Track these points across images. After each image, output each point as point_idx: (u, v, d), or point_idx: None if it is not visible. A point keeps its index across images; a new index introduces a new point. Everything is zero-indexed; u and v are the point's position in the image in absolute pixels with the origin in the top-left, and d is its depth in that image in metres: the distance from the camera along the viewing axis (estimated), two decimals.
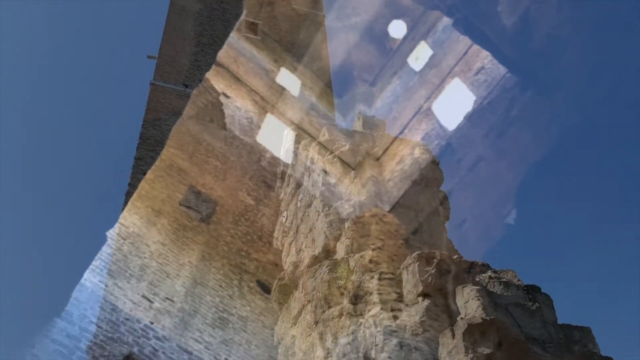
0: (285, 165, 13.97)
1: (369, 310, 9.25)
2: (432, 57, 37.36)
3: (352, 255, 9.33)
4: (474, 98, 32.52)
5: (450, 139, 32.20)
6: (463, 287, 7.59)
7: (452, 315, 8.30)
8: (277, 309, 11.81)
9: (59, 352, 13.96)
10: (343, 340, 9.12)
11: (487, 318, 7.54)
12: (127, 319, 16.18)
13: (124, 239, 18.82)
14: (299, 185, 12.82)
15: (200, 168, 25.06)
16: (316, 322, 10.00)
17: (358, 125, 13.41)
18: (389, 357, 9.60)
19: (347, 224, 10.15)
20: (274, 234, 13.41)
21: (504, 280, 7.84)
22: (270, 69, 36.12)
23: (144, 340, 15.92)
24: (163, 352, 15.97)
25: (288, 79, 37.62)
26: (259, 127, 31.45)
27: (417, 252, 8.20)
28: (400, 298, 9.83)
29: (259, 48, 35.37)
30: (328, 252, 10.62)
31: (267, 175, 27.61)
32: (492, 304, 7.65)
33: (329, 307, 10.59)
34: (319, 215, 11.03)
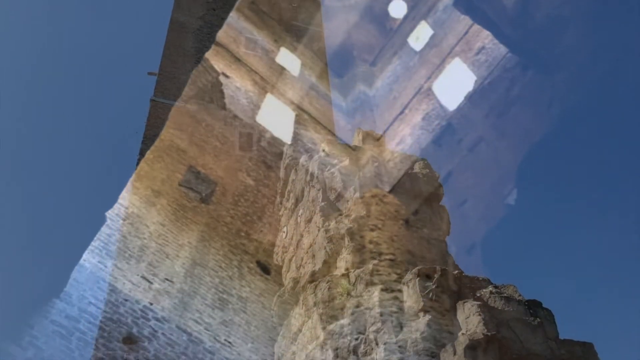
0: (285, 179, 13.93)
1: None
2: (432, 37, 37.24)
3: (352, 270, 9.27)
4: (474, 78, 32.42)
5: (450, 119, 32.12)
6: (464, 302, 7.54)
7: (453, 331, 8.25)
8: (276, 323, 11.78)
9: (58, 333, 13.92)
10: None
11: (489, 334, 7.50)
12: (126, 300, 16.14)
13: (123, 220, 18.76)
14: (298, 200, 12.75)
15: (199, 148, 24.98)
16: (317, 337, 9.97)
17: (357, 140, 13.33)
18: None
19: (347, 239, 10.10)
20: (274, 250, 13.35)
21: (505, 295, 7.79)
22: (270, 49, 36.00)
23: (143, 321, 15.89)
24: (162, 333, 15.94)
25: (288, 58, 37.49)
26: (258, 107, 31.36)
27: (417, 268, 8.14)
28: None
29: (259, 28, 35.24)
30: (329, 268, 10.57)
31: (267, 155, 27.53)
32: (493, 320, 7.61)
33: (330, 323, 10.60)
34: (319, 230, 10.97)
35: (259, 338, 18.30)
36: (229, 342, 17.35)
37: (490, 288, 8.01)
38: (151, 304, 16.58)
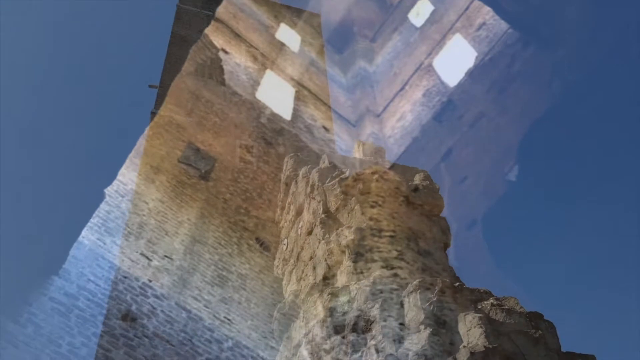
0: (286, 191, 13.85)
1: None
2: (433, 13, 37.10)
3: (353, 283, 9.21)
4: (475, 54, 32.32)
5: (451, 96, 32.03)
6: (465, 314, 7.47)
7: (454, 343, 8.18)
8: (277, 337, 11.72)
9: (57, 310, 13.87)
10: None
11: (490, 346, 7.44)
12: (125, 277, 16.09)
13: (122, 197, 18.68)
14: (299, 213, 12.66)
15: (199, 124, 24.88)
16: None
17: (358, 153, 13.24)
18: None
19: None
20: (275, 262, 13.30)
21: (506, 307, 7.73)
22: (270, 25, 35.84)
23: (142, 299, 15.84)
24: (161, 311, 15.90)
25: (288, 34, 37.34)
26: (258, 83, 31.23)
27: (418, 280, 8.06)
28: None
29: (259, 4, 35.10)
30: (329, 280, 10.51)
31: (267, 132, 27.44)
32: (494, 332, 7.54)
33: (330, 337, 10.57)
34: (319, 243, 10.90)
35: (258, 315, 18.27)
36: (229, 320, 17.31)
37: (491, 300, 7.95)
38: (150, 281, 16.53)
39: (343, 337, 10.11)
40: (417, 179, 12.04)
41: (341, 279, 10.12)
